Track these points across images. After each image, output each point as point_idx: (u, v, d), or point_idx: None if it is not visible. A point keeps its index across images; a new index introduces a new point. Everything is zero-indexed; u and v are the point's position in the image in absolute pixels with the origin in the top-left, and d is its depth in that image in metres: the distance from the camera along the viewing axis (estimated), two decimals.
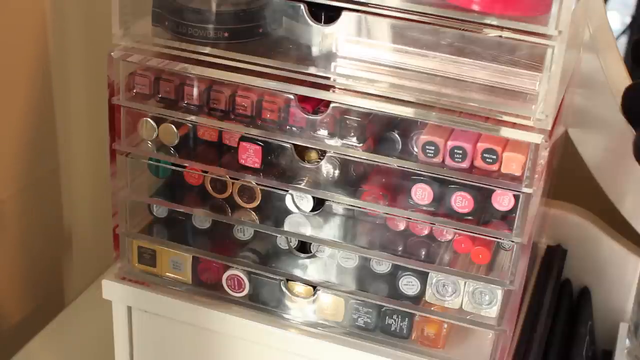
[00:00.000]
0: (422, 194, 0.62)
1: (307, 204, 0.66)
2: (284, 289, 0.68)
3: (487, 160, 0.59)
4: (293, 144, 0.64)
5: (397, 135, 0.62)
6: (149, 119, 0.66)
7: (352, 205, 0.65)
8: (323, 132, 0.62)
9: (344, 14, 0.60)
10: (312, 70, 0.61)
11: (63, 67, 0.89)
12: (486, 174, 0.60)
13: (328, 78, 0.61)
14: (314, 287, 0.67)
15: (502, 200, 0.60)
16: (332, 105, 0.61)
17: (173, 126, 0.66)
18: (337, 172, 0.64)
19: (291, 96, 0.62)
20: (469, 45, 0.58)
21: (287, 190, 0.66)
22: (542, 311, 0.76)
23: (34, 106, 0.88)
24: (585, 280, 0.85)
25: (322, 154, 0.64)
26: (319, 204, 0.66)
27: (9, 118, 0.84)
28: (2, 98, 0.82)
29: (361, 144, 0.62)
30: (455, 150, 0.60)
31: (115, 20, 0.64)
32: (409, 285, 0.65)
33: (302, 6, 0.61)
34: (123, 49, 0.65)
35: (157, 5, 0.64)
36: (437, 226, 0.63)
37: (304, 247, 0.68)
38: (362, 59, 0.61)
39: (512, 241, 0.61)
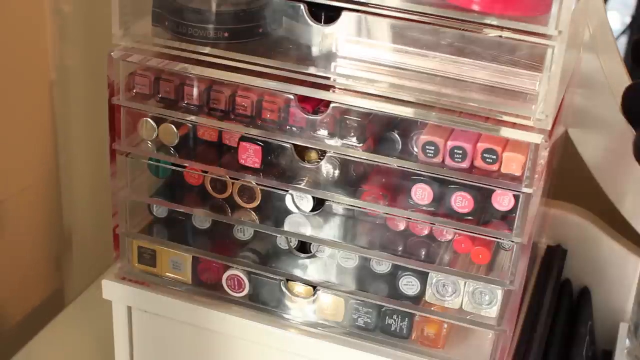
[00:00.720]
0: (422, 194, 0.62)
1: (307, 204, 0.66)
2: (284, 289, 0.68)
3: (487, 160, 0.59)
4: (293, 144, 0.64)
5: (397, 135, 0.62)
6: (149, 119, 0.66)
7: (352, 205, 0.65)
8: (323, 132, 0.62)
9: (344, 14, 0.60)
10: (312, 70, 0.61)
11: (63, 67, 0.89)
12: (486, 174, 0.60)
13: (328, 78, 0.61)
14: (314, 287, 0.67)
15: (502, 200, 0.60)
16: (332, 105, 0.61)
17: (173, 126, 0.66)
18: (337, 172, 0.64)
19: (291, 96, 0.62)
20: (469, 45, 0.58)
21: (287, 190, 0.66)
22: (542, 311, 0.76)
23: (34, 106, 0.88)
24: (585, 280, 0.85)
25: (322, 154, 0.64)
26: (319, 204, 0.66)
27: (9, 118, 0.84)
28: (2, 98, 0.82)
29: (361, 144, 0.62)
30: (455, 150, 0.60)
31: (115, 20, 0.64)
32: (409, 285, 0.65)
33: (302, 6, 0.61)
34: (123, 49, 0.65)
35: (157, 5, 0.64)
36: (437, 226, 0.63)
37: (304, 247, 0.68)
38: (362, 59, 0.61)
39: (512, 241, 0.61)
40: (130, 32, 0.65)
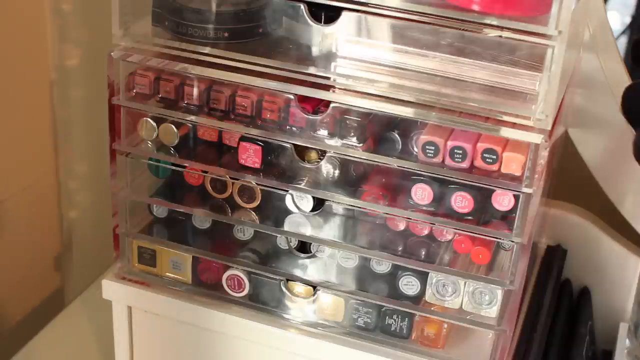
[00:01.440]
0: (422, 194, 0.62)
1: (307, 204, 0.66)
2: (284, 289, 0.68)
3: (487, 160, 0.59)
4: (293, 144, 0.64)
5: (397, 135, 0.62)
6: (149, 119, 0.66)
7: (352, 205, 0.65)
8: (323, 132, 0.62)
9: (344, 14, 0.60)
10: (312, 70, 0.61)
11: (63, 67, 0.89)
12: (486, 174, 0.60)
13: (328, 78, 0.61)
14: (314, 287, 0.67)
15: (502, 200, 0.60)
16: (332, 105, 0.61)
17: (173, 126, 0.66)
18: (337, 172, 0.64)
19: (291, 96, 0.62)
20: (469, 45, 0.58)
21: (287, 190, 0.66)
22: (542, 311, 0.76)
23: (34, 106, 0.88)
24: (585, 280, 0.85)
25: (322, 154, 0.64)
26: (319, 204, 0.66)
27: (9, 118, 0.84)
28: (2, 98, 0.82)
29: (361, 144, 0.62)
30: (455, 150, 0.60)
31: (115, 20, 0.64)
32: (409, 285, 0.65)
33: (302, 6, 0.61)
34: (123, 49, 0.65)
35: (157, 5, 0.64)
36: (437, 226, 0.63)
37: (304, 247, 0.68)
38: (362, 59, 0.61)
39: (512, 241, 0.61)
40: (130, 32, 0.65)
